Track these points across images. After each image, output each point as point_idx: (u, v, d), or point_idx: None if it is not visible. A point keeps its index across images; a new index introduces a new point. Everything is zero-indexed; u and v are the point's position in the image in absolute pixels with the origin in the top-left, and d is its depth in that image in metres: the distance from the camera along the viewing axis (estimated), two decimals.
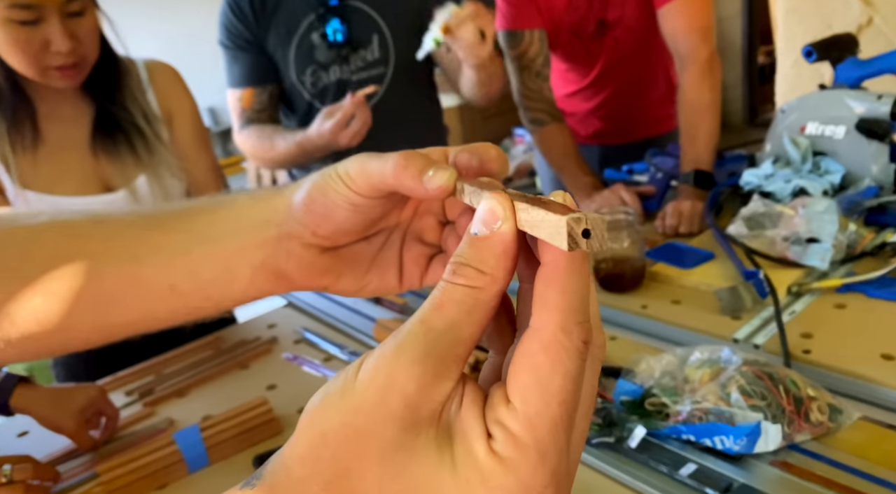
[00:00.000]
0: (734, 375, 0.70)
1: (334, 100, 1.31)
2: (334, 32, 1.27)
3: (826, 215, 0.98)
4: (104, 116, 1.04)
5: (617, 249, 1.02)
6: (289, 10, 1.28)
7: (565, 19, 1.43)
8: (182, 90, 1.14)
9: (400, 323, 0.91)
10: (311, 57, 1.30)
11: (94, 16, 0.97)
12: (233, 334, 1.10)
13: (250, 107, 1.32)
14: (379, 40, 1.30)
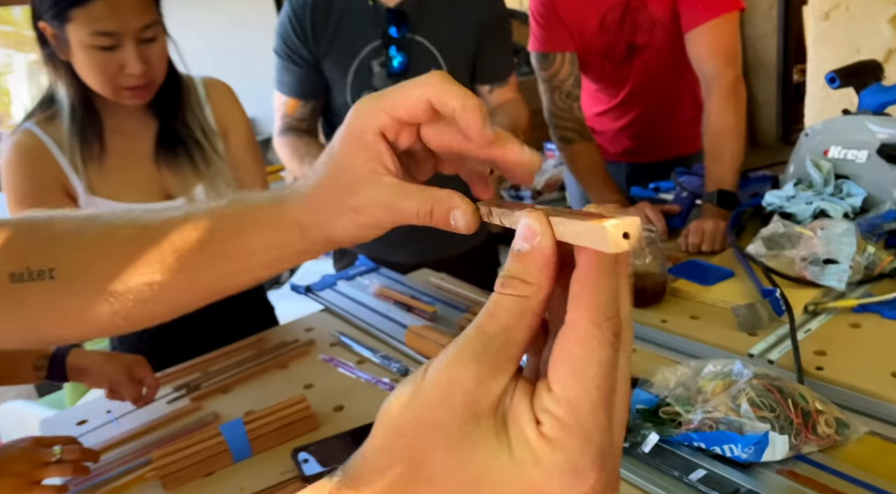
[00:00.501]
0: (745, 387, 0.74)
1: None
2: (395, 62, 1.33)
3: (844, 237, 1.01)
4: (167, 131, 1.13)
5: (639, 265, 1.07)
6: (351, 35, 1.33)
7: (596, 42, 1.48)
8: (236, 106, 1.22)
9: (430, 330, 0.97)
10: (368, 82, 1.35)
11: (164, 41, 1.06)
12: (274, 336, 1.17)
13: (292, 115, 1.40)
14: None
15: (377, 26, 1.32)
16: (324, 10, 1.32)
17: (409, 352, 1.03)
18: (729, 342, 0.95)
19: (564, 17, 1.46)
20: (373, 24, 1.32)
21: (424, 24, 1.34)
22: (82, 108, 1.06)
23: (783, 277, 1.03)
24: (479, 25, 1.37)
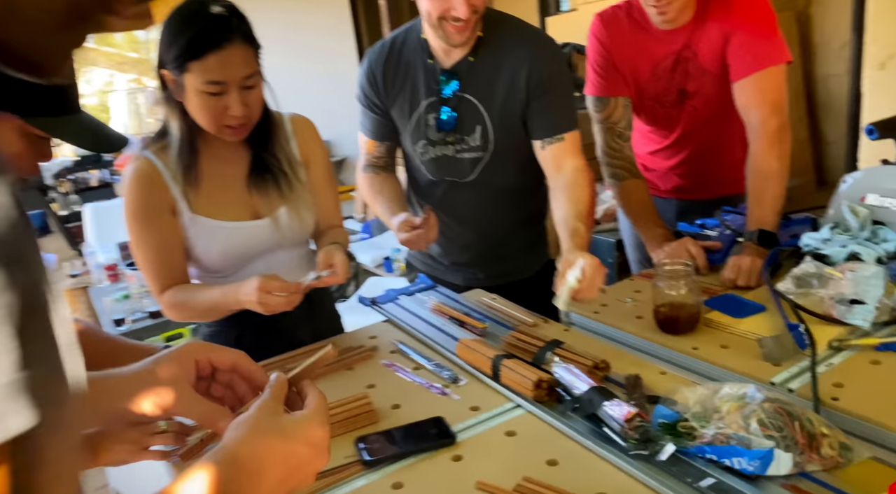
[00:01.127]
0: (756, 409, 0.83)
1: (438, 170, 1.53)
2: (444, 116, 1.46)
3: (873, 280, 1.08)
4: (258, 161, 1.30)
5: (674, 296, 1.16)
6: (412, 90, 1.48)
7: (649, 88, 1.59)
8: (317, 140, 1.39)
9: (479, 344, 1.09)
10: (423, 133, 1.50)
11: (261, 87, 1.24)
12: (342, 341, 1.32)
13: (371, 154, 1.56)
14: (482, 131, 1.47)
15: (434, 84, 1.46)
16: (394, 66, 1.48)
17: (459, 362, 1.16)
18: (754, 371, 1.03)
19: (620, 66, 1.58)
20: (430, 81, 1.46)
21: (474, 83, 1.45)
22: (189, 142, 1.25)
23: (811, 314, 1.10)
24: (528, 85, 1.42)
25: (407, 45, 1.48)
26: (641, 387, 1.01)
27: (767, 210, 1.40)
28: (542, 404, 1.00)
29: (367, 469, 0.91)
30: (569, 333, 1.26)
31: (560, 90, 1.46)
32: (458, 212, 1.57)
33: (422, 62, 1.46)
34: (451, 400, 1.06)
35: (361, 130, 1.57)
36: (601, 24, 1.59)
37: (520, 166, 1.55)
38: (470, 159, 1.51)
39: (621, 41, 1.56)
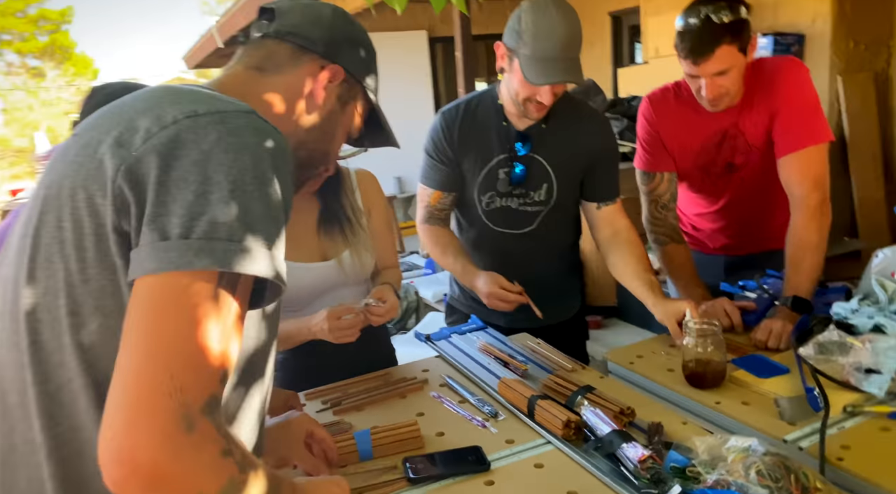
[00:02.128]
0: (757, 460, 0.93)
1: (498, 220, 1.70)
2: (517, 171, 1.64)
3: (891, 351, 1.16)
4: (327, 209, 1.50)
5: (700, 353, 1.26)
6: (486, 146, 1.66)
7: (697, 161, 1.70)
8: (378, 191, 1.58)
9: (518, 383, 1.23)
10: (493, 185, 1.67)
11: None
12: (398, 372, 1.48)
13: (435, 205, 1.74)
14: (547, 188, 1.66)
15: (507, 143, 1.64)
16: (469, 124, 1.66)
17: (499, 399, 1.29)
18: (769, 428, 1.12)
19: (667, 143, 1.71)
20: (504, 140, 1.64)
21: (544, 146, 1.64)
22: None
23: (830, 379, 1.18)
24: (589, 153, 1.65)
25: (482, 108, 1.68)
26: (662, 434, 1.12)
27: (804, 278, 1.48)
28: (570, 442, 1.12)
29: (410, 486, 1.06)
30: (604, 380, 1.38)
31: (614, 161, 1.70)
32: (508, 259, 1.73)
33: (496, 123, 1.65)
34: (490, 433, 1.19)
35: (426, 183, 1.74)
36: (649, 105, 1.73)
37: (569, 222, 1.76)
38: (531, 212, 1.69)
39: (669, 120, 1.69)
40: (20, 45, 23.10)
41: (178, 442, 0.57)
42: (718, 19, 1.44)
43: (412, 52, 7.05)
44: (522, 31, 1.47)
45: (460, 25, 4.82)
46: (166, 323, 0.59)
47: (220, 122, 0.66)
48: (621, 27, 7.09)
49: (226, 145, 0.65)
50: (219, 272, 0.61)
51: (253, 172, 0.65)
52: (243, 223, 0.63)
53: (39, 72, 23.32)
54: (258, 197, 0.64)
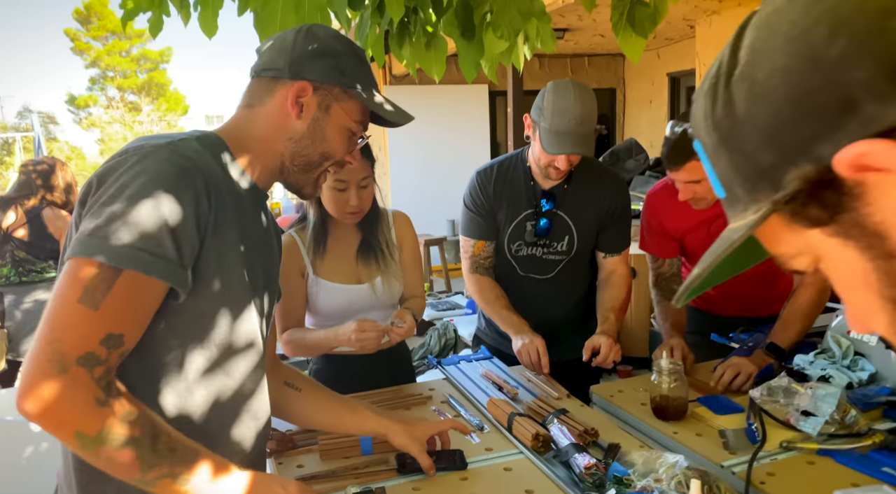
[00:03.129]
0: (679, 473, 1.12)
1: (525, 266, 1.94)
2: (542, 224, 1.88)
3: (827, 397, 1.31)
4: (366, 241, 1.77)
5: (664, 388, 1.45)
6: (517, 201, 1.91)
7: (704, 244, 1.88)
8: (411, 231, 1.84)
9: (504, 403, 1.45)
10: (521, 235, 1.92)
11: (373, 186, 1.71)
12: (408, 388, 1.71)
13: (479, 254, 1.97)
14: (568, 240, 1.90)
15: (534, 199, 1.90)
16: (502, 182, 1.92)
17: (488, 415, 1.51)
18: (713, 455, 1.30)
19: (670, 232, 1.91)
20: (531, 197, 1.90)
21: (566, 203, 1.89)
22: (320, 224, 1.74)
23: (773, 418, 1.35)
24: (605, 210, 1.89)
25: (512, 169, 1.94)
26: (617, 452, 1.31)
27: (788, 334, 1.65)
28: (538, 452, 1.33)
29: (398, 476, 1.28)
30: (583, 408, 1.57)
31: (625, 219, 1.95)
32: (531, 301, 1.95)
33: (524, 182, 1.92)
34: (473, 442, 1.41)
35: (469, 235, 1.97)
36: (651, 198, 1.95)
37: (586, 270, 1.99)
38: (554, 260, 1.93)
39: (670, 211, 1.88)
40: (122, 81, 25.17)
41: (51, 381, 0.75)
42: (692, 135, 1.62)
43: (473, 104, 7.44)
44: (544, 108, 1.73)
45: (512, 81, 5.15)
46: (58, 295, 0.79)
47: (145, 155, 0.86)
48: (679, 88, 7.28)
49: (134, 172, 0.84)
50: (98, 261, 0.79)
51: (142, 190, 0.82)
52: (125, 227, 0.80)
53: (136, 106, 25.27)
54: (138, 210, 0.81)
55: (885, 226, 0.36)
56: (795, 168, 0.37)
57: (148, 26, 2.19)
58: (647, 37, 1.79)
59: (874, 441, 1.22)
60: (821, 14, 0.35)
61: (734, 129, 0.40)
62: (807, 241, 0.40)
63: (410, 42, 1.96)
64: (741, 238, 0.41)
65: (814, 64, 0.35)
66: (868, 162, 0.34)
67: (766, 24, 0.39)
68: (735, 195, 0.42)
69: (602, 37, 6.54)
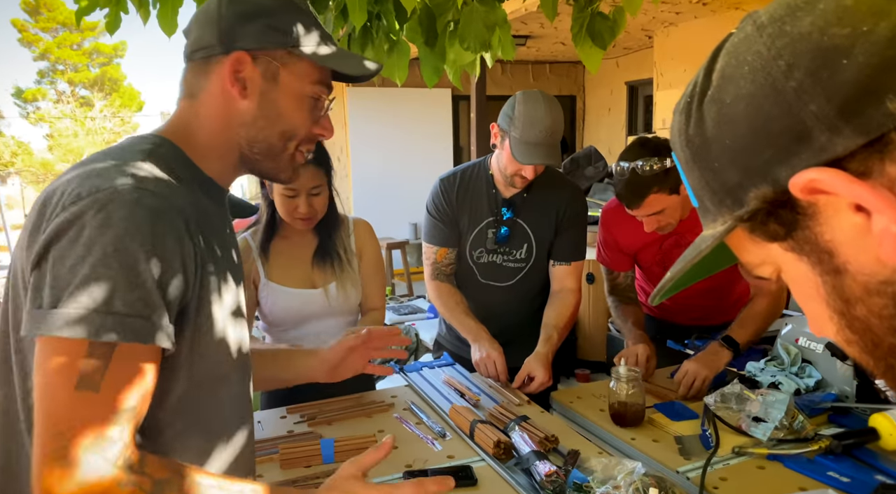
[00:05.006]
0: (636, 479, 1.14)
1: (485, 273, 1.96)
2: (502, 231, 1.90)
3: (777, 404, 1.36)
4: (322, 245, 1.76)
5: (622, 395, 1.48)
6: (479, 208, 1.93)
7: (655, 259, 1.94)
8: (371, 238, 1.84)
9: (466, 410, 1.46)
10: (482, 242, 1.94)
11: (326, 193, 1.70)
12: (369, 396, 1.71)
13: (441, 261, 1.98)
14: (527, 248, 1.92)
15: (494, 207, 1.92)
16: (465, 190, 1.94)
17: (450, 422, 1.51)
18: (669, 461, 1.33)
19: (625, 248, 1.96)
20: (493, 205, 1.92)
21: (525, 211, 1.91)
22: (270, 227, 1.73)
23: (726, 424, 1.39)
24: (560, 218, 1.91)
25: (475, 176, 1.96)
26: (576, 458, 1.33)
27: (744, 332, 1.70)
28: (499, 459, 1.34)
29: None
30: (543, 414, 1.59)
31: (577, 229, 1.95)
32: (491, 307, 1.96)
33: (486, 191, 1.93)
34: (435, 449, 1.41)
35: (431, 242, 1.99)
36: (605, 214, 1.99)
37: (545, 278, 2.00)
38: (514, 268, 1.94)
39: (624, 228, 1.92)
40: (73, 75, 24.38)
41: (57, 473, 0.68)
42: (643, 171, 1.63)
43: (436, 108, 7.45)
44: (515, 118, 1.75)
45: (476, 87, 5.18)
46: (51, 384, 0.70)
47: (106, 202, 0.72)
48: (637, 96, 7.44)
49: (99, 224, 0.71)
50: (88, 340, 0.69)
51: (118, 246, 0.71)
52: (106, 293, 0.70)
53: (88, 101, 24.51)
54: (118, 270, 0.71)
55: (834, 244, 0.39)
56: (755, 188, 0.41)
57: (104, 24, 2.14)
58: (606, 48, 1.82)
59: (820, 446, 1.27)
60: (782, 48, 0.38)
61: (704, 147, 0.43)
62: (768, 253, 0.43)
63: (373, 46, 1.96)
64: (708, 247, 0.45)
65: (774, 94, 0.38)
66: (818, 187, 0.37)
67: (735, 51, 0.41)
68: (705, 206, 0.46)
69: (563, 44, 6.63)
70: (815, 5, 0.37)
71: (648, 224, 1.72)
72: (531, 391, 1.68)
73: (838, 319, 0.40)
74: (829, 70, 0.36)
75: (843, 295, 0.39)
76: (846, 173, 0.36)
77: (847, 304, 0.39)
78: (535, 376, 1.70)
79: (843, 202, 0.37)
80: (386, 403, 1.65)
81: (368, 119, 7.22)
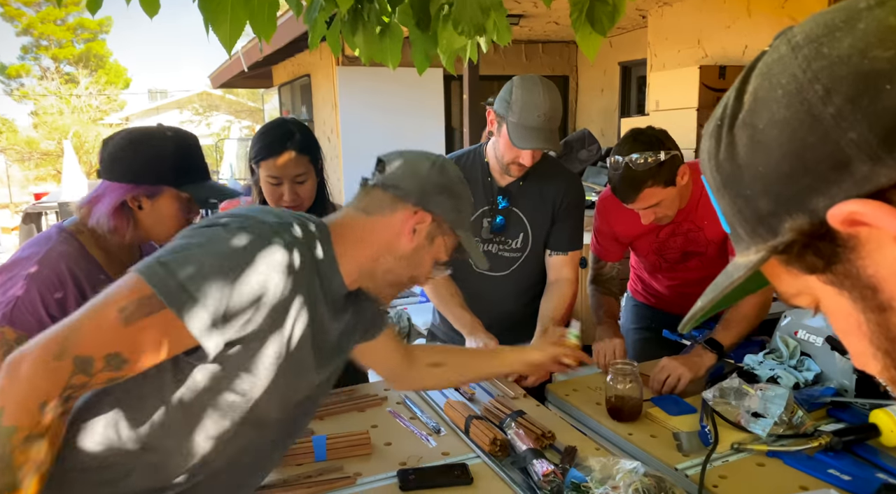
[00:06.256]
0: (636, 480, 1.12)
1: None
2: (497, 221, 1.86)
3: (777, 399, 1.34)
4: None
5: (620, 389, 1.46)
6: (474, 197, 1.86)
7: (651, 247, 1.90)
8: None
9: (461, 405, 1.43)
10: (477, 232, 1.89)
11: (313, 180, 1.65)
12: (362, 389, 1.68)
13: None
14: (523, 237, 1.88)
15: (491, 196, 1.87)
16: None
17: (445, 417, 1.49)
18: (667, 458, 1.31)
19: (620, 236, 1.92)
20: (488, 193, 1.87)
21: (521, 200, 1.86)
22: None
23: (725, 420, 1.37)
24: (557, 207, 1.86)
25: (470, 164, 1.91)
26: (574, 456, 1.31)
27: (728, 333, 1.67)
28: (496, 457, 1.32)
29: (354, 484, 1.25)
30: (539, 408, 1.57)
31: (574, 219, 1.90)
32: (487, 296, 1.93)
33: (482, 178, 1.88)
34: (429, 446, 1.39)
35: None
36: (601, 202, 1.95)
37: (542, 268, 1.95)
38: (510, 257, 1.90)
39: (620, 216, 1.88)
40: (56, 51, 23.91)
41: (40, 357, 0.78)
42: (637, 166, 1.59)
43: (428, 88, 7.35)
44: (512, 103, 1.70)
45: (468, 67, 5.10)
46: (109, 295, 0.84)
47: (246, 228, 0.91)
48: (630, 77, 7.37)
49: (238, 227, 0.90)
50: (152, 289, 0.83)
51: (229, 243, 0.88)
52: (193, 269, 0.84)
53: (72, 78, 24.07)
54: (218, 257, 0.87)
55: (878, 279, 0.36)
56: (791, 218, 0.38)
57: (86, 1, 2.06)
58: (606, 34, 1.77)
59: (820, 443, 1.25)
60: (819, 71, 0.35)
61: (736, 174, 0.41)
62: (806, 284, 0.41)
63: (364, 30, 1.90)
64: (741, 277, 0.42)
65: (810, 120, 0.35)
66: (860, 219, 0.35)
67: (768, 73, 0.38)
68: (738, 234, 0.43)
69: (556, 24, 6.54)
70: (855, 25, 0.34)
71: (645, 216, 1.68)
72: (528, 385, 1.66)
73: (883, 357, 0.38)
74: (870, 96, 0.33)
75: (890, 334, 0.36)
76: (890, 206, 0.33)
77: (894, 343, 0.36)
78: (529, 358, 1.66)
79: (886, 235, 0.34)
80: (379, 397, 1.62)
81: (359, 99, 7.11)
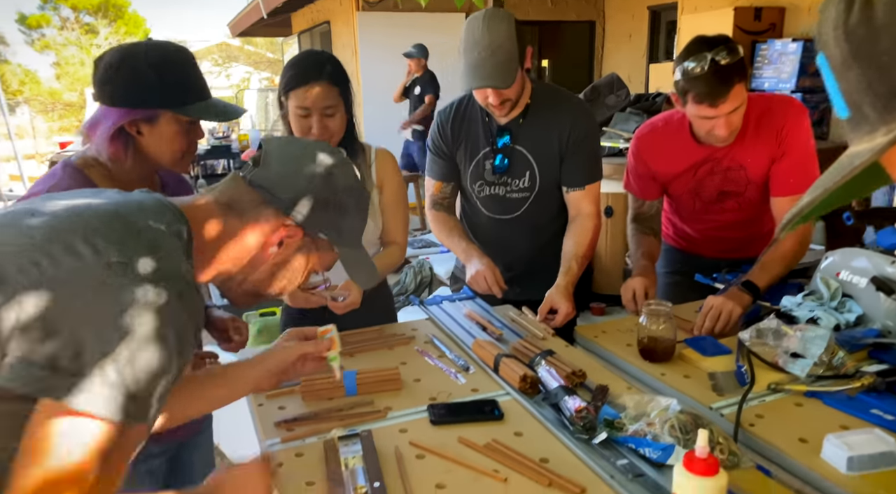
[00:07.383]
0: (671, 417, 1.10)
1: (490, 206, 1.88)
2: (500, 164, 1.80)
3: (817, 339, 1.31)
4: None
5: (654, 329, 1.43)
6: (473, 140, 1.83)
7: (688, 186, 1.83)
8: (393, 169, 1.75)
9: (489, 344, 1.42)
10: (481, 175, 1.85)
11: (342, 115, 1.60)
12: (391, 329, 1.67)
13: (437, 194, 1.92)
14: (530, 175, 1.81)
15: (490, 136, 1.81)
16: (459, 122, 1.84)
17: (473, 356, 1.48)
18: (702, 397, 1.29)
19: (657, 174, 1.84)
20: (488, 134, 1.81)
21: (523, 137, 1.79)
22: None
23: (762, 360, 1.34)
24: (565, 141, 1.77)
25: (470, 106, 1.85)
26: (605, 394, 1.29)
27: (764, 275, 1.62)
28: (526, 394, 1.30)
29: (385, 418, 1.25)
30: (568, 349, 1.55)
31: (589, 150, 1.81)
32: (504, 241, 1.90)
33: (481, 119, 1.82)
34: (459, 383, 1.38)
35: (429, 175, 1.93)
36: (637, 140, 1.87)
37: (556, 207, 1.89)
38: (518, 198, 1.84)
39: (657, 152, 1.82)
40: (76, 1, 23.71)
41: None
42: (724, 61, 1.51)
43: (449, 33, 7.15)
44: (460, 43, 1.63)
45: None
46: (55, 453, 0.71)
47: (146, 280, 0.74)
48: (659, 22, 7.11)
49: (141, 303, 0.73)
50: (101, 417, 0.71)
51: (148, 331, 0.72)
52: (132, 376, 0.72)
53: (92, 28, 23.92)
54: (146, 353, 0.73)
55: None
56: None
57: None
58: None
59: (862, 384, 1.21)
60: None
61: (870, 39, 0.36)
62: None
63: None
64: (864, 163, 0.37)
65: None
66: None
67: None
68: (862, 114, 0.38)
69: None
70: None
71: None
72: (556, 324, 1.63)
73: None
74: None
75: None
76: None
77: None
78: (558, 308, 1.64)
79: None
80: (407, 336, 1.61)
81: (379, 44, 6.97)
